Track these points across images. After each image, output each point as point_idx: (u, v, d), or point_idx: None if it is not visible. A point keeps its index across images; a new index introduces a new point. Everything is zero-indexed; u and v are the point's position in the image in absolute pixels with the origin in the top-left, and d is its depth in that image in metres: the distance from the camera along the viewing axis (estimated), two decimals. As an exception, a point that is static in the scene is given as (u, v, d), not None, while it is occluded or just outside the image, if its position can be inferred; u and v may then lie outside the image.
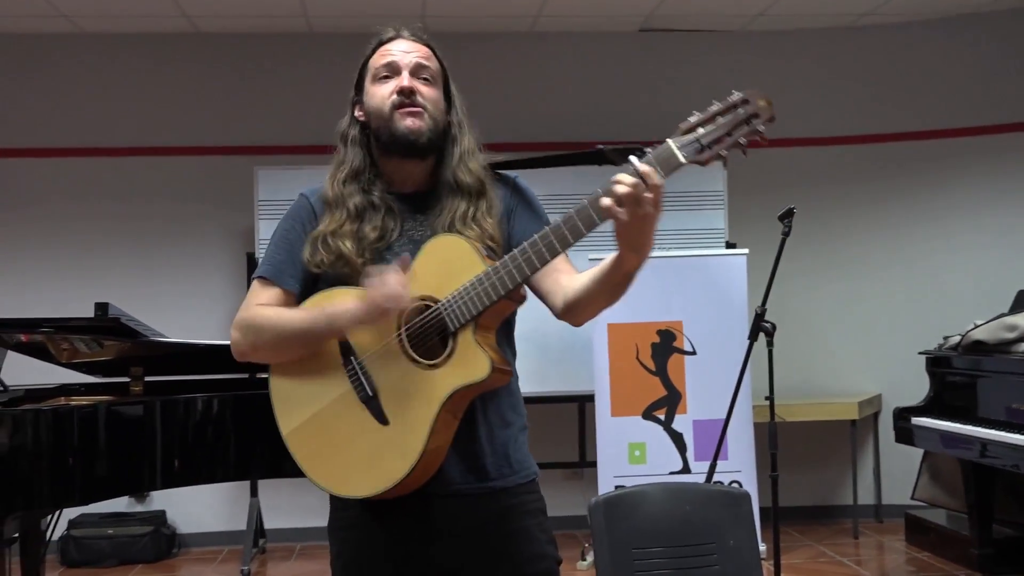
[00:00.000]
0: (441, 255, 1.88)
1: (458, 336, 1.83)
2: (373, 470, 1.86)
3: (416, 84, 1.99)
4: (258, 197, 5.73)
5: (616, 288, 1.85)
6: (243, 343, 1.98)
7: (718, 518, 2.70)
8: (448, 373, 1.83)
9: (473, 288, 1.81)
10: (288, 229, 2.02)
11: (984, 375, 4.52)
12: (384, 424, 1.86)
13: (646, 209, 1.68)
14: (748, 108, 1.73)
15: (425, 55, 2.04)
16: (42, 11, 5.60)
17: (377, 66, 2.02)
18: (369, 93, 2.03)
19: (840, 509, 6.25)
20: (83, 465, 3.09)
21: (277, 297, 1.98)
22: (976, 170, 6.17)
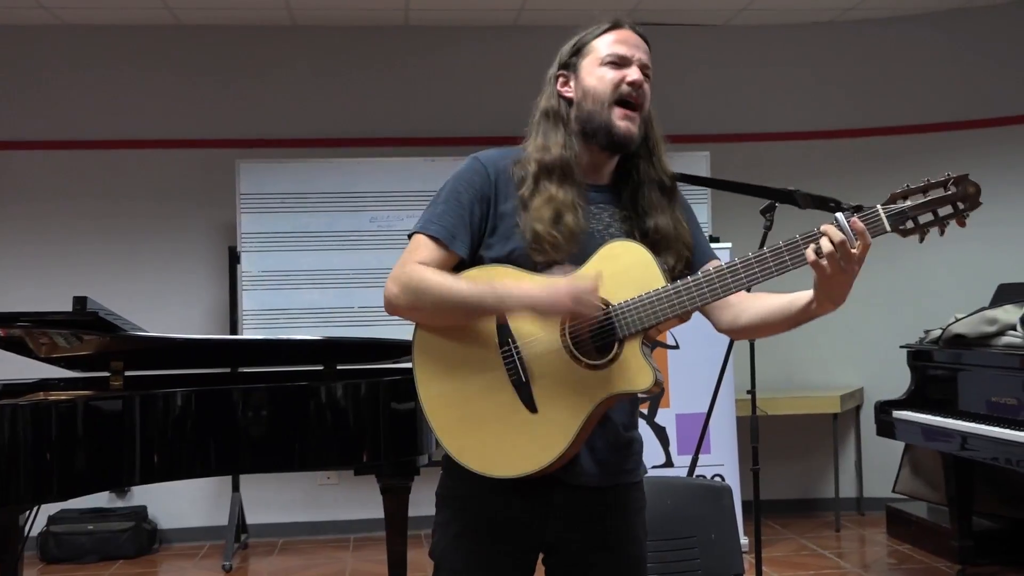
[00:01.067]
0: (621, 260, 1.90)
1: (625, 343, 1.86)
2: (513, 454, 1.88)
3: (644, 82, 2.01)
4: (240, 191, 5.70)
5: (798, 325, 1.93)
6: (401, 300, 1.91)
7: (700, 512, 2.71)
8: (609, 377, 1.86)
9: (651, 301, 1.85)
10: (461, 191, 1.96)
11: (965, 369, 4.54)
12: (532, 411, 1.88)
13: (852, 267, 1.76)
14: (957, 191, 1.80)
15: (648, 54, 2.06)
16: (21, 2, 5.55)
17: (607, 51, 2.01)
18: (591, 72, 2.01)
19: (822, 502, 6.28)
20: (62, 460, 3.06)
21: (441, 258, 1.93)
22: (958, 164, 6.11)
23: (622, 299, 1.86)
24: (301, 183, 5.73)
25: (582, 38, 2.07)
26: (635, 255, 1.90)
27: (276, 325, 5.64)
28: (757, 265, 1.83)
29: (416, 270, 1.91)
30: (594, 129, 1.98)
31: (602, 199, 2.01)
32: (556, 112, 2.02)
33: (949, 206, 1.80)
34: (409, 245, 1.97)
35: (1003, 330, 4.44)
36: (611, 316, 1.86)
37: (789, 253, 1.80)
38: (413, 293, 1.90)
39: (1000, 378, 4.27)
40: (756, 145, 6.38)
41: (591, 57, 2.02)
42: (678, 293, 1.85)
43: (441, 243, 1.93)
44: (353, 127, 6.17)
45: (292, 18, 6.00)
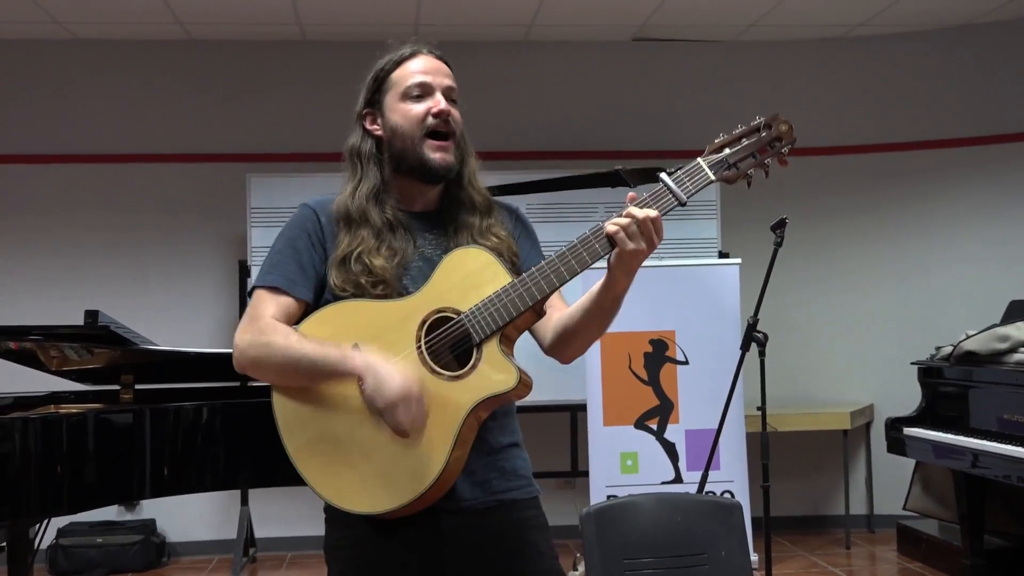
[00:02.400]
0: (463, 267, 1.88)
1: (483, 347, 1.83)
2: (392, 485, 1.82)
3: (452, 109, 1.97)
4: (250, 204, 5.71)
5: (607, 313, 1.89)
6: (246, 358, 1.90)
7: (710, 528, 2.69)
8: (473, 383, 1.82)
9: (499, 299, 1.83)
10: (295, 238, 1.96)
11: (976, 386, 4.52)
12: (404, 437, 1.82)
13: (646, 240, 1.78)
14: (771, 132, 1.88)
15: (451, 76, 2.02)
16: (35, 17, 5.59)
17: (408, 83, 1.97)
18: (395, 109, 1.97)
19: (832, 519, 6.25)
20: (72, 473, 3.07)
21: (288, 307, 1.91)
22: (969, 181, 6.19)
23: (471, 304, 1.84)
24: (311, 197, 5.73)
25: (380, 70, 2.02)
26: (477, 259, 1.88)
27: (285, 339, 5.64)
28: (594, 240, 1.82)
29: (263, 325, 1.88)
30: (409, 166, 1.95)
31: (430, 226, 1.99)
32: (358, 151, 2.01)
33: (767, 147, 1.87)
34: (251, 302, 1.94)
35: (1015, 347, 4.43)
36: (464, 323, 1.83)
37: (598, 230, 1.82)
38: (260, 349, 1.87)
39: (1012, 395, 4.25)
40: (766, 161, 6.36)
41: (393, 92, 1.98)
42: (523, 283, 1.82)
43: (282, 291, 1.91)
44: (363, 142, 6.18)
45: (303, 33, 6.03)
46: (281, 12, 5.63)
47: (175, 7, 5.51)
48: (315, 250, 1.95)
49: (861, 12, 5.87)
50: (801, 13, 5.83)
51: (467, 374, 1.83)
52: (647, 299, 5.03)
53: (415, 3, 5.53)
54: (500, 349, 1.83)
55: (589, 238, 1.82)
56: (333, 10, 5.63)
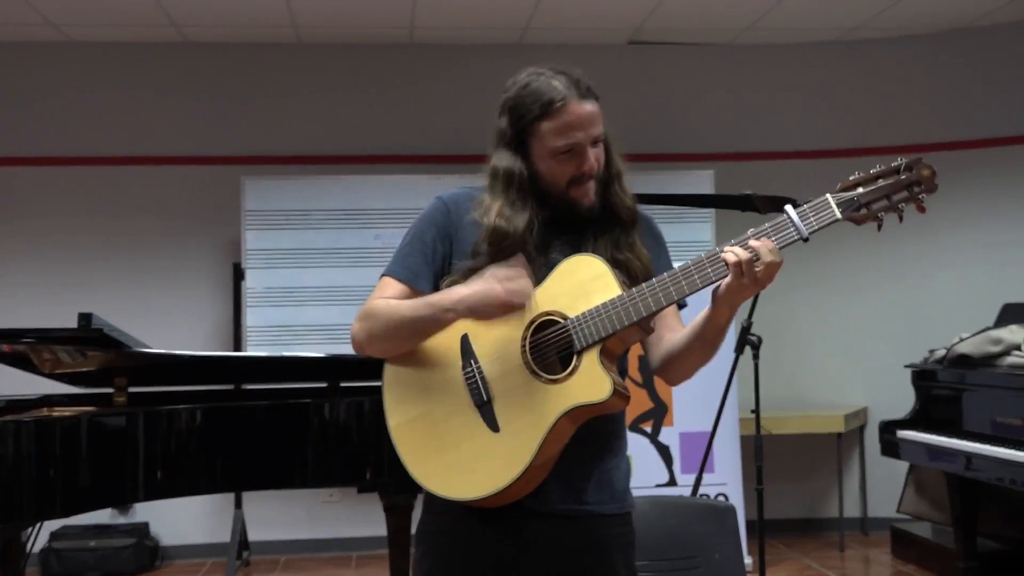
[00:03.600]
0: (577, 274, 1.89)
1: (583, 355, 1.84)
2: (476, 475, 1.86)
3: (596, 161, 1.95)
4: (245, 207, 5.71)
5: (710, 344, 1.91)
6: (359, 332, 1.95)
7: (704, 532, 2.69)
8: (568, 390, 1.83)
9: (606, 310, 1.83)
10: (423, 231, 2.00)
11: (969, 389, 4.53)
12: (494, 431, 1.86)
13: (759, 278, 1.78)
14: (911, 175, 1.80)
15: (598, 114, 1.97)
16: (28, 19, 5.58)
17: (555, 145, 1.91)
18: (542, 159, 1.93)
19: (826, 522, 6.25)
20: (65, 476, 3.06)
21: (405, 294, 1.96)
22: (962, 184, 6.19)
23: (579, 312, 1.85)
24: (306, 200, 5.75)
25: (527, 111, 1.94)
26: (592, 268, 1.89)
27: (280, 342, 5.64)
28: (709, 265, 1.81)
29: (373, 302, 1.96)
30: (554, 202, 1.96)
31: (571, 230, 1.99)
32: (516, 177, 1.95)
33: (904, 191, 1.79)
34: (376, 288, 2.01)
35: (1008, 350, 4.43)
36: (568, 329, 1.85)
37: (714, 256, 1.80)
38: (368, 320, 1.94)
39: (1005, 398, 4.26)
40: (761, 164, 6.38)
41: (540, 142, 1.93)
42: (632, 297, 1.83)
43: (404, 282, 1.97)
44: (358, 144, 6.19)
45: (298, 36, 6.03)
46: (276, 15, 5.63)
47: (170, 9, 5.50)
48: (440, 243, 1.98)
49: (857, 15, 5.88)
50: (798, 16, 5.84)
51: (564, 379, 1.84)
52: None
53: (410, 7, 5.53)
54: (600, 360, 1.83)
55: (704, 262, 1.81)
56: (328, 13, 5.63)
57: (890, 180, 1.80)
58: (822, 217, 1.79)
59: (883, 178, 1.80)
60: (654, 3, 5.56)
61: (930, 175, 1.80)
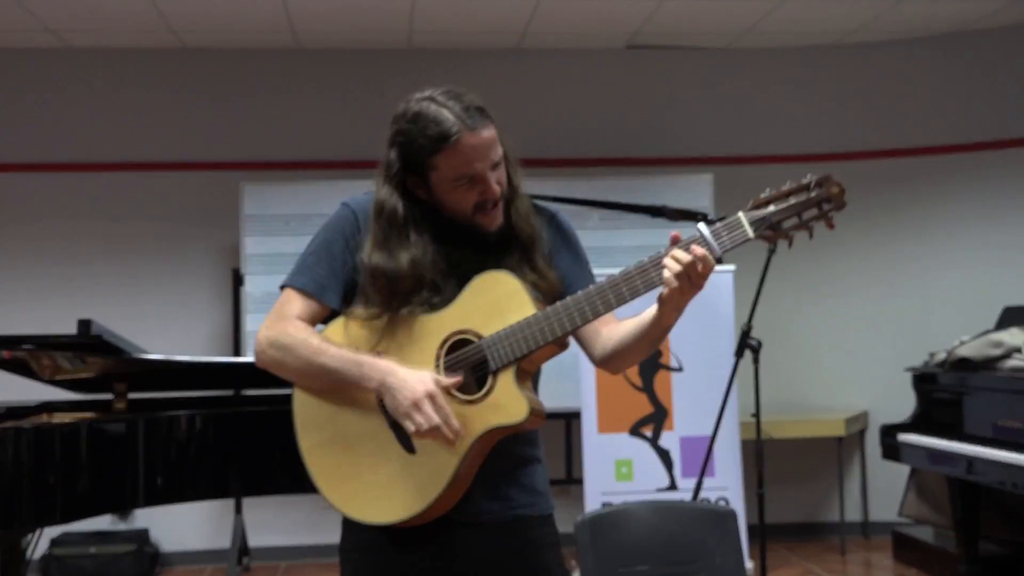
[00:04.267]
0: (490, 291, 1.86)
1: (498, 375, 1.82)
2: (393, 499, 1.84)
3: (498, 186, 1.89)
4: (244, 212, 5.71)
5: (655, 342, 1.92)
6: (267, 356, 1.91)
7: (705, 536, 2.69)
8: (484, 411, 1.82)
9: (521, 330, 1.82)
10: (331, 241, 1.95)
11: (970, 392, 4.52)
12: (410, 452, 1.84)
13: (699, 283, 1.77)
14: (820, 192, 1.81)
15: (494, 138, 1.91)
16: (27, 25, 5.58)
17: (456, 174, 1.85)
18: (443, 190, 1.88)
19: (827, 526, 6.24)
20: (65, 483, 3.06)
21: (314, 311, 1.92)
22: (962, 187, 6.20)
23: (492, 330, 1.82)
24: (305, 205, 5.74)
25: (418, 148, 1.86)
26: (505, 285, 1.85)
27: (279, 347, 5.63)
28: (624, 283, 1.81)
29: (287, 327, 1.88)
30: (460, 224, 1.91)
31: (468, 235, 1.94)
32: (406, 219, 1.89)
33: (814, 208, 1.80)
34: (280, 299, 1.94)
35: (1009, 353, 4.43)
36: (482, 349, 1.83)
37: (651, 272, 1.80)
38: (282, 351, 1.88)
39: (1006, 401, 4.25)
40: (759, 168, 6.38)
41: (437, 175, 1.87)
42: (547, 318, 1.81)
43: (311, 296, 1.91)
44: (357, 149, 6.16)
45: (296, 41, 6.03)
46: (274, 20, 5.63)
47: (168, 15, 5.50)
48: (349, 255, 1.93)
49: (854, 19, 5.88)
50: (795, 20, 5.84)
51: (479, 400, 1.83)
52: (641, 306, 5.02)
53: (408, 12, 5.53)
54: (515, 380, 1.82)
55: (632, 275, 1.80)
56: (326, 18, 5.63)
57: (801, 197, 1.81)
58: (735, 236, 1.78)
59: (794, 195, 1.81)
60: (652, 7, 5.56)
61: (839, 192, 1.81)
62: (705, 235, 1.78)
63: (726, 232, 1.78)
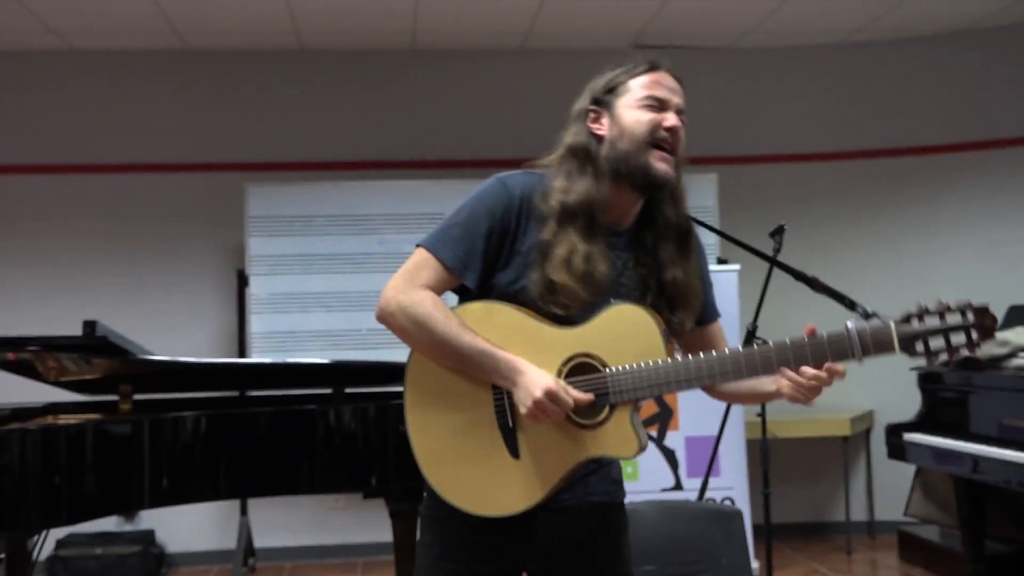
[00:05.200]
0: (626, 323, 1.87)
1: (616, 408, 1.85)
2: (489, 495, 1.89)
3: (681, 128, 1.94)
4: (248, 213, 5.71)
5: (762, 401, 2.05)
6: (395, 322, 1.90)
7: (711, 536, 2.69)
8: (595, 439, 1.86)
9: (648, 374, 1.83)
10: (481, 218, 1.91)
11: (976, 391, 4.51)
12: (514, 457, 1.88)
13: (815, 393, 1.83)
14: (975, 320, 1.75)
15: (682, 101, 1.98)
16: (31, 28, 5.59)
17: (645, 93, 1.94)
18: (627, 112, 1.94)
19: (833, 525, 6.23)
20: (71, 485, 3.06)
21: (447, 283, 1.92)
22: (967, 185, 6.19)
23: (620, 364, 1.84)
24: (309, 206, 5.75)
25: (617, 76, 1.99)
26: (640, 322, 1.87)
27: (284, 348, 5.64)
28: (760, 359, 1.83)
29: (424, 301, 1.88)
30: (630, 170, 1.91)
31: (621, 244, 1.97)
32: (585, 150, 1.95)
33: (963, 333, 1.76)
34: (416, 258, 1.93)
35: (1014, 352, 4.42)
36: (606, 381, 1.85)
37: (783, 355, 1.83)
38: (414, 324, 1.88)
39: (1012, 400, 4.24)
40: (764, 167, 6.38)
41: (627, 97, 1.95)
42: (676, 369, 1.83)
43: (450, 270, 1.91)
44: (361, 150, 6.19)
45: (300, 42, 6.04)
46: (278, 22, 5.64)
47: (172, 17, 5.51)
48: (496, 237, 1.91)
49: (859, 18, 5.87)
50: (799, 19, 5.84)
51: (594, 427, 1.86)
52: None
53: (412, 13, 5.53)
54: (631, 418, 1.85)
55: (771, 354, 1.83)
56: (330, 20, 5.64)
57: (954, 320, 1.76)
58: (880, 345, 1.79)
59: (949, 313, 1.76)
60: (657, 7, 5.56)
61: (992, 324, 1.76)
62: (852, 336, 1.80)
63: (872, 340, 1.79)
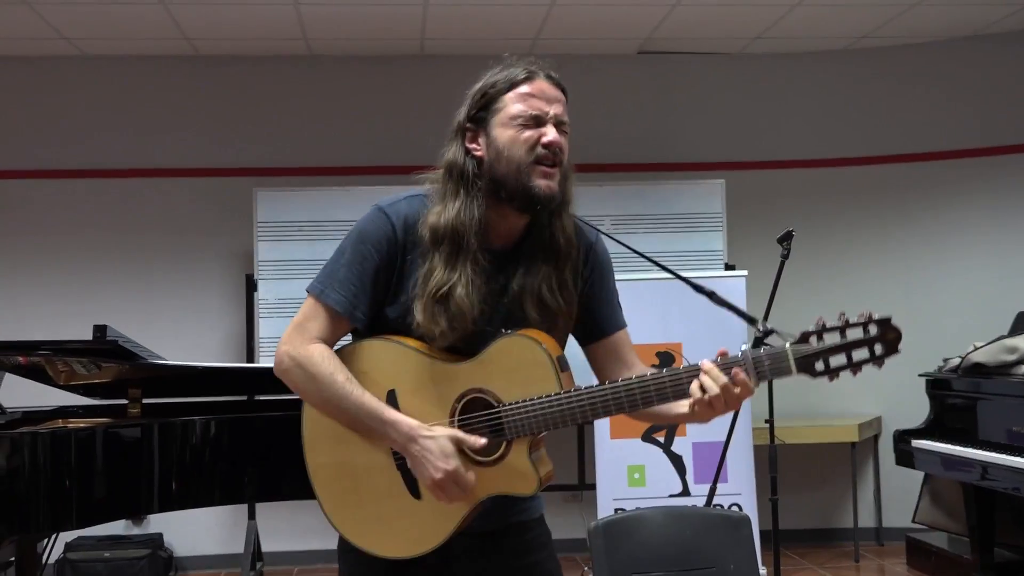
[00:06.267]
0: (516, 354, 1.83)
1: (512, 445, 1.82)
2: (394, 537, 1.86)
3: (561, 140, 1.87)
4: (257, 218, 5.73)
5: (669, 423, 1.91)
6: (290, 377, 1.87)
7: (718, 542, 2.68)
8: (495, 475, 1.82)
9: (542, 408, 1.79)
10: (365, 256, 1.86)
11: (984, 397, 4.51)
12: (416, 498, 1.84)
13: (731, 406, 1.77)
14: (876, 334, 1.72)
15: (564, 105, 1.91)
16: (43, 34, 5.62)
17: (518, 110, 1.86)
18: (503, 133, 1.86)
19: (841, 532, 6.22)
20: (80, 488, 3.07)
21: (338, 329, 1.88)
22: (975, 192, 6.18)
23: (513, 398, 1.80)
24: (318, 211, 5.76)
25: (491, 88, 1.90)
26: (529, 352, 1.81)
27: (292, 353, 5.65)
28: (653, 384, 1.78)
29: (312, 357, 1.84)
30: (510, 193, 1.84)
31: (507, 264, 1.90)
32: (460, 170, 1.87)
33: (866, 348, 1.72)
34: (306, 307, 1.89)
35: (1022, 359, 4.41)
36: (500, 417, 1.81)
37: (680, 384, 1.78)
38: (307, 379, 1.84)
39: (1020, 407, 4.24)
40: (770, 173, 6.37)
41: (502, 115, 1.86)
42: (569, 402, 1.79)
43: (340, 314, 1.86)
44: (369, 155, 6.20)
45: (309, 48, 6.06)
46: (287, 28, 5.66)
47: (182, 23, 5.54)
48: (383, 272, 1.87)
49: (865, 24, 5.87)
50: (806, 25, 5.84)
51: (491, 464, 1.82)
52: (654, 311, 5.02)
53: (420, 18, 5.55)
54: (528, 454, 1.82)
55: (665, 381, 1.78)
56: (339, 25, 5.66)
57: (855, 335, 1.73)
58: (777, 368, 1.75)
59: (849, 329, 1.72)
60: (664, 13, 5.57)
61: (895, 338, 1.72)
62: (747, 361, 1.75)
63: (768, 362, 1.75)
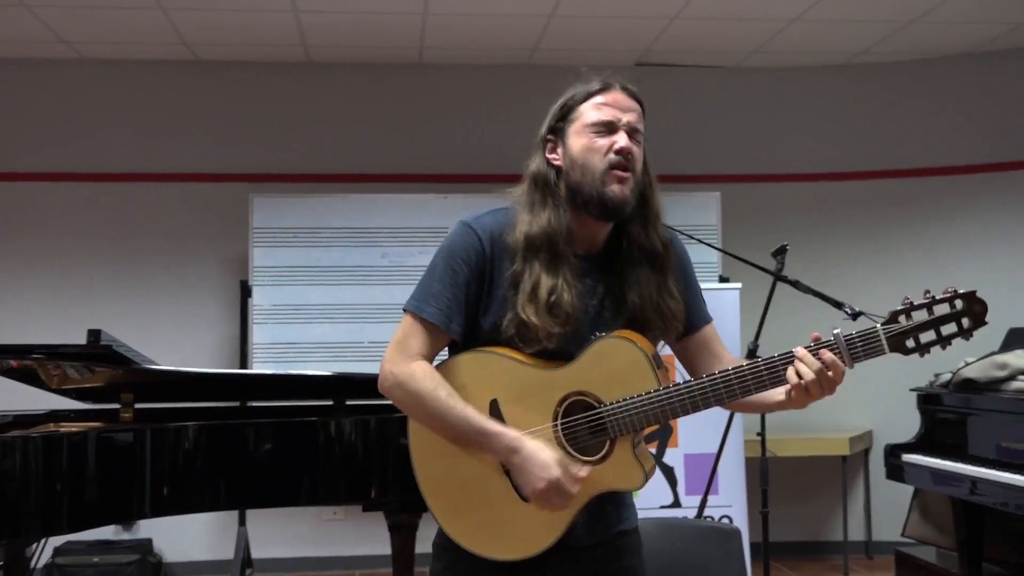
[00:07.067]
0: (613, 358, 1.88)
1: (616, 442, 1.87)
2: (504, 540, 1.90)
3: (633, 147, 1.92)
4: (253, 224, 5.73)
5: (767, 411, 1.99)
6: (394, 396, 1.92)
7: (708, 554, 2.69)
8: (601, 475, 1.87)
9: (642, 404, 1.85)
10: (457, 269, 1.91)
11: (975, 413, 4.51)
12: (524, 500, 1.88)
13: (827, 391, 1.82)
14: (963, 308, 1.77)
15: (639, 115, 1.96)
16: (41, 37, 5.62)
17: (593, 118, 1.93)
18: (577, 140, 1.93)
19: (830, 545, 6.23)
20: (72, 492, 3.06)
21: (438, 344, 1.94)
22: (968, 208, 6.21)
23: (613, 398, 1.86)
24: (313, 218, 5.77)
25: (569, 100, 1.97)
26: (628, 355, 1.88)
27: (286, 359, 5.65)
28: (751, 377, 1.84)
29: (415, 374, 1.89)
30: (585, 200, 1.91)
31: (593, 269, 1.97)
32: (544, 179, 1.95)
33: (953, 323, 1.78)
34: (404, 325, 1.94)
35: (1013, 375, 4.42)
36: (603, 416, 1.87)
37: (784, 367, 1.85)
38: (410, 398, 1.90)
39: (1010, 423, 4.25)
40: (767, 186, 6.40)
41: (578, 123, 1.94)
42: (669, 397, 1.85)
43: (437, 328, 1.91)
44: (366, 163, 6.21)
45: (307, 55, 6.07)
46: (286, 34, 5.67)
47: (181, 28, 5.55)
48: (475, 284, 1.92)
49: (864, 39, 5.90)
50: (804, 40, 5.87)
51: (597, 463, 1.87)
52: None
53: (419, 27, 5.57)
54: (634, 451, 1.87)
55: (761, 370, 1.84)
56: (338, 32, 5.67)
57: (942, 311, 1.78)
58: (870, 349, 1.81)
59: (936, 306, 1.78)
60: (662, 25, 5.59)
61: (981, 311, 1.78)
62: (841, 344, 1.81)
63: (861, 344, 1.81)
